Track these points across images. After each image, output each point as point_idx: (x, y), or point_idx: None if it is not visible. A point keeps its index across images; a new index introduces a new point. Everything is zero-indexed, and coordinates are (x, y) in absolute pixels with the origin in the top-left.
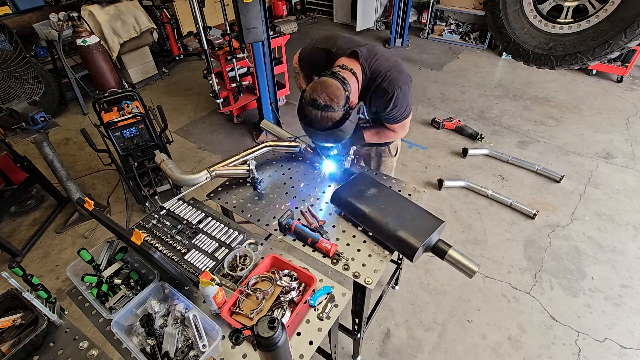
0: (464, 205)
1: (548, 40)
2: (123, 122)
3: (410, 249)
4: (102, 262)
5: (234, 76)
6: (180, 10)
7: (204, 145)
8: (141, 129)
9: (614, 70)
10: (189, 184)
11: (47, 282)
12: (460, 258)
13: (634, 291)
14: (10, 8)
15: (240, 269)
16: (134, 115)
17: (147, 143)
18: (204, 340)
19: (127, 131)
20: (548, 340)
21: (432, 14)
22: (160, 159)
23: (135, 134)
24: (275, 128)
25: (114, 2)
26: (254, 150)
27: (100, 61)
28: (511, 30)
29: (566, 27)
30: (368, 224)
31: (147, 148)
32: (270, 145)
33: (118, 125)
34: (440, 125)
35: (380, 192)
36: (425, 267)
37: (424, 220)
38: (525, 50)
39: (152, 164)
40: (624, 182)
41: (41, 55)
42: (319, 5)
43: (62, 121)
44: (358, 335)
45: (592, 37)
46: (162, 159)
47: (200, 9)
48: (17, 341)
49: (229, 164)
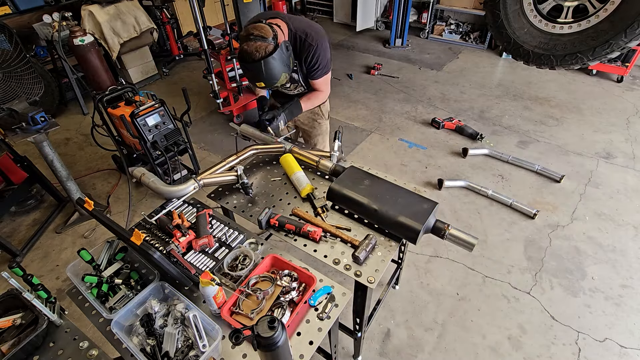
0: (464, 205)
1: (548, 40)
2: (147, 110)
3: (413, 232)
4: (102, 262)
5: (234, 76)
6: (180, 10)
7: (204, 145)
8: (162, 115)
9: (614, 70)
10: (175, 196)
11: (47, 282)
12: (459, 234)
13: (634, 291)
14: (10, 8)
15: (240, 268)
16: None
17: (169, 128)
18: (204, 340)
19: (150, 118)
20: (548, 340)
21: (432, 14)
22: (140, 172)
23: (158, 120)
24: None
25: (114, 2)
26: (238, 155)
27: (96, 60)
28: (511, 30)
29: (566, 27)
30: (368, 215)
31: (169, 133)
32: (255, 149)
33: (141, 114)
34: (440, 125)
35: (373, 182)
36: (426, 267)
37: (419, 204)
38: (525, 50)
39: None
40: (624, 182)
41: (41, 55)
42: (319, 5)
43: (62, 121)
44: (359, 334)
45: (592, 37)
46: (142, 172)
47: (200, 9)
48: (17, 341)
49: (216, 172)
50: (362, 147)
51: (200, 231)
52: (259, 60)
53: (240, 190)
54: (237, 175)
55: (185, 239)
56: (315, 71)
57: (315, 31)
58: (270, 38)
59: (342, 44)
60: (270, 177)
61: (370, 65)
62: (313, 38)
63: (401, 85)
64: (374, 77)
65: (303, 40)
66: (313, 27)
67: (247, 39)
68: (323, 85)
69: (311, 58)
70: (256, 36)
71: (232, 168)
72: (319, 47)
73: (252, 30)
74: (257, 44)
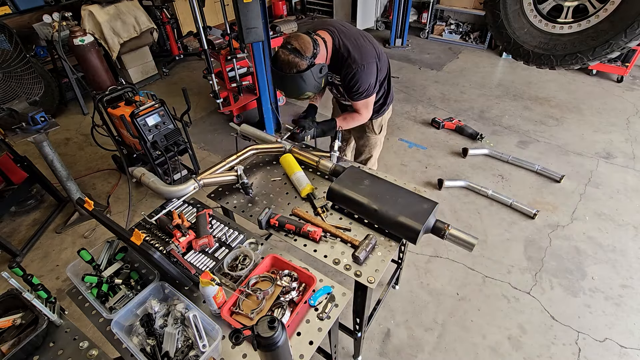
0: (464, 205)
1: (548, 40)
2: (147, 110)
3: (413, 232)
4: (102, 262)
5: (234, 76)
6: (180, 10)
7: (204, 145)
8: (162, 115)
9: (614, 70)
10: (175, 196)
11: (47, 282)
12: (459, 234)
13: (634, 291)
14: (10, 8)
15: (240, 268)
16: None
17: (169, 128)
18: (204, 340)
19: (150, 118)
20: (548, 340)
21: (432, 14)
22: (140, 172)
23: (158, 120)
24: (256, 132)
25: (114, 2)
26: (238, 155)
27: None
28: (511, 30)
29: (566, 27)
30: (368, 215)
31: (169, 133)
32: (255, 149)
33: (141, 114)
34: (440, 125)
35: (373, 182)
36: (426, 267)
37: (419, 204)
38: (525, 50)
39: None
40: (624, 182)
41: (41, 55)
42: (319, 5)
43: (62, 121)
44: (359, 334)
45: (592, 37)
46: (142, 172)
47: (200, 9)
48: (17, 341)
49: (216, 172)
50: None
51: (200, 231)
52: (287, 74)
53: (240, 190)
54: (237, 175)
55: (185, 239)
56: (354, 93)
57: (360, 53)
58: (307, 55)
59: None
60: (270, 177)
61: None
62: (355, 60)
63: (401, 85)
64: None
65: (345, 59)
66: (360, 48)
67: (284, 46)
68: (362, 108)
69: (349, 80)
70: (293, 48)
71: (232, 168)
72: (359, 71)
73: (292, 41)
74: (290, 56)
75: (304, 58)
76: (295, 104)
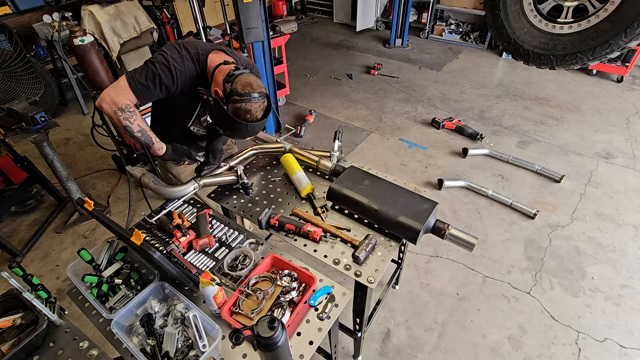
0: (464, 205)
1: (548, 40)
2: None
3: (413, 232)
4: (102, 262)
5: None
6: (180, 10)
7: None
8: None
9: (614, 70)
10: (176, 196)
11: (47, 282)
12: (459, 234)
13: (634, 291)
14: (10, 8)
15: (240, 268)
16: None
17: None
18: (204, 340)
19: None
20: (548, 340)
21: (432, 14)
22: (140, 172)
23: None
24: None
25: (114, 2)
26: (239, 155)
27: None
28: (511, 30)
29: (566, 27)
30: (368, 215)
31: None
32: (255, 149)
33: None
34: (440, 125)
35: (373, 182)
36: (426, 267)
37: (419, 204)
38: (525, 50)
39: None
40: (624, 182)
41: (41, 55)
42: (319, 5)
43: (62, 121)
44: (359, 334)
45: (592, 37)
46: (142, 172)
47: (200, 9)
48: (17, 341)
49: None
50: (362, 147)
51: (200, 231)
52: (264, 117)
53: (240, 190)
54: (237, 175)
55: (186, 238)
56: None
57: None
58: None
59: (342, 44)
60: (270, 177)
61: (370, 65)
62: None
63: (401, 85)
64: (374, 77)
65: None
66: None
67: (257, 99)
68: None
69: None
70: (263, 94)
71: (232, 168)
72: None
73: (259, 89)
74: (266, 101)
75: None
76: (295, 104)
